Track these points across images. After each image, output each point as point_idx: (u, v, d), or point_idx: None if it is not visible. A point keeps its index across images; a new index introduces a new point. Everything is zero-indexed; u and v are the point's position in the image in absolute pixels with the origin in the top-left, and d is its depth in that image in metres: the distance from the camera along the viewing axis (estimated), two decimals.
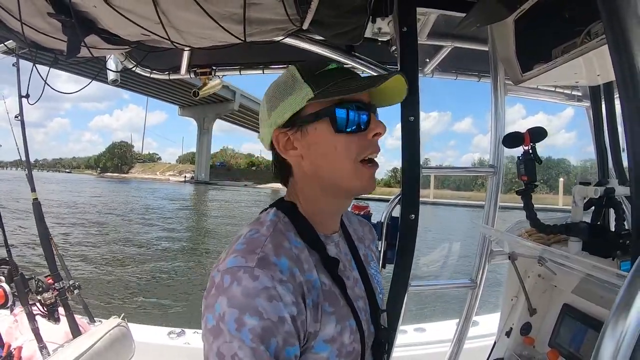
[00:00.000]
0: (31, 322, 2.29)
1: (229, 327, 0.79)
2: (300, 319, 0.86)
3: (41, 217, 2.62)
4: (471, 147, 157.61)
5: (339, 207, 1.08)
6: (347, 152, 0.96)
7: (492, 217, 2.04)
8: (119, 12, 1.35)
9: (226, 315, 0.80)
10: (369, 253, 1.26)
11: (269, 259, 0.87)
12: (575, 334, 1.64)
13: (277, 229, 0.96)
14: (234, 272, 0.84)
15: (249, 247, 0.89)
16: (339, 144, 0.96)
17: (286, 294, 0.84)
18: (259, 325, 0.79)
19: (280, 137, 1.01)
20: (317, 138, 0.97)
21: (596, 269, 1.43)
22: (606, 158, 2.16)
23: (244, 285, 0.82)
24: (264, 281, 0.82)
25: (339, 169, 0.97)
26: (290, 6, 1.44)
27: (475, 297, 2.10)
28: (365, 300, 1.08)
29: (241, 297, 0.81)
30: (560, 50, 1.62)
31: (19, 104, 2.54)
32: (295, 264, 0.90)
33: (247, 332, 0.78)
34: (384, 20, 1.89)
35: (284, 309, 0.82)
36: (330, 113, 0.95)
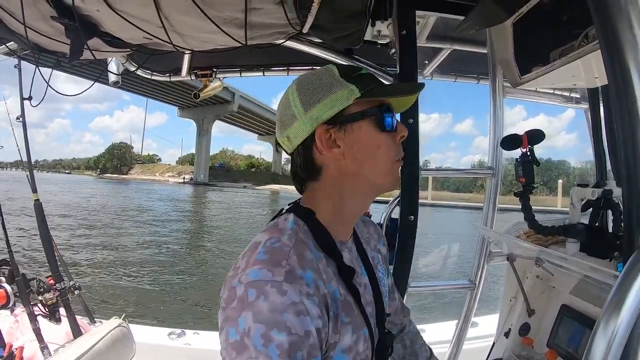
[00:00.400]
0: (32, 322, 2.30)
1: (254, 342, 0.77)
2: (324, 331, 0.86)
3: (42, 218, 2.63)
4: (471, 149, 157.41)
5: (364, 207, 1.09)
6: (389, 151, 0.99)
7: (491, 219, 2.05)
8: (121, 16, 1.37)
9: (252, 330, 0.77)
10: (376, 255, 1.23)
11: (295, 272, 0.85)
12: (573, 335, 1.65)
13: (299, 238, 0.94)
14: (260, 286, 0.82)
15: (274, 259, 0.87)
16: (382, 142, 0.98)
17: (313, 307, 0.83)
18: (286, 340, 0.77)
19: (323, 134, 0.98)
20: (362, 136, 0.98)
21: (593, 270, 1.44)
22: (604, 160, 2.16)
23: (272, 301, 0.80)
24: (292, 296, 0.81)
25: (380, 166, 0.99)
26: (290, 10, 1.45)
27: (474, 298, 2.11)
28: (373, 306, 1.08)
29: (268, 312, 0.79)
30: (558, 52, 1.63)
31: (21, 105, 2.55)
32: (319, 276, 0.89)
33: (274, 348, 0.76)
34: (383, 23, 1.91)
35: (310, 323, 0.81)
36: (377, 112, 0.97)
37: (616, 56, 0.85)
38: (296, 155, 1.03)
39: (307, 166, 1.02)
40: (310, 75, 1.03)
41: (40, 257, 10.72)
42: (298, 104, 0.99)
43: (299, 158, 1.02)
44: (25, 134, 2.73)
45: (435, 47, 2.25)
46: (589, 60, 1.51)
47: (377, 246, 1.27)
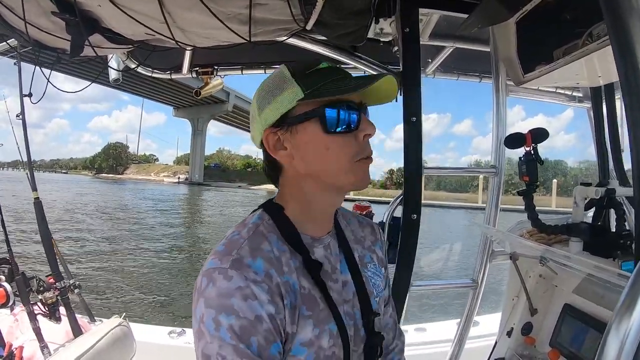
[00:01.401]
0: (32, 321, 2.29)
1: (208, 327, 0.81)
2: (279, 317, 0.87)
3: (42, 217, 2.62)
4: (470, 149, 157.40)
5: (331, 204, 1.06)
6: (341, 152, 0.95)
7: (494, 217, 2.04)
8: (124, 11, 1.35)
9: (204, 316, 0.82)
10: (367, 254, 1.20)
11: (243, 260, 0.87)
12: (576, 334, 1.64)
13: (258, 231, 0.96)
14: (209, 273, 0.86)
15: (227, 249, 0.91)
16: (331, 144, 0.95)
17: (261, 293, 0.85)
18: (236, 324, 0.81)
19: (270, 137, 0.99)
20: (308, 138, 0.96)
21: (597, 269, 1.44)
22: (607, 159, 2.16)
23: (219, 286, 0.83)
24: (238, 281, 0.84)
25: (333, 167, 0.96)
26: (295, 6, 1.44)
27: (477, 297, 2.10)
28: (355, 304, 1.06)
29: (216, 297, 0.83)
30: (561, 51, 1.63)
31: (21, 102, 2.54)
32: (272, 266, 0.90)
33: (225, 331, 0.80)
34: (386, 21, 1.90)
35: (259, 307, 0.84)
36: (320, 113, 0.93)
37: (627, 53, 0.84)
38: (263, 153, 1.05)
39: (269, 166, 1.05)
40: (267, 78, 1.03)
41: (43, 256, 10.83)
42: (255, 106, 1.01)
43: (264, 156, 1.05)
44: (25, 131, 2.72)
45: (437, 45, 2.24)
46: (592, 59, 1.51)
47: (372, 247, 1.24)
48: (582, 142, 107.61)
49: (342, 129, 0.94)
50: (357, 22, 1.69)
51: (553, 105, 4.30)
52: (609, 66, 1.63)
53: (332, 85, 0.94)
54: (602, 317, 1.54)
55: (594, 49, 1.44)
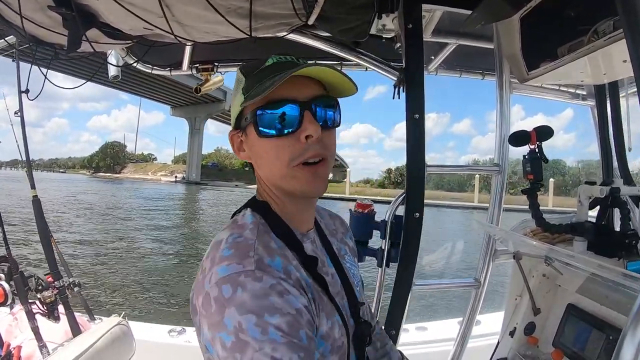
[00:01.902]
0: (31, 320, 2.27)
1: (252, 334, 0.74)
2: (311, 309, 0.86)
3: (41, 215, 2.60)
4: (470, 149, 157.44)
5: (300, 206, 1.03)
6: (277, 156, 0.92)
7: (497, 216, 2.02)
8: (121, 4, 1.33)
9: (243, 324, 0.75)
10: (342, 247, 1.22)
11: (264, 260, 0.84)
12: (580, 334, 1.63)
13: (262, 230, 0.93)
14: (233, 279, 0.80)
15: (240, 252, 0.85)
16: (268, 147, 0.92)
17: (291, 287, 0.82)
18: (282, 321, 0.75)
19: (233, 139, 1.02)
20: (252, 141, 0.96)
21: (602, 269, 1.43)
22: (611, 157, 2.15)
23: (251, 289, 0.78)
24: (269, 280, 0.79)
25: (274, 173, 0.95)
26: (297, 0, 1.42)
27: (479, 296, 2.09)
28: (343, 295, 1.06)
29: (251, 300, 0.76)
30: (566, 48, 1.61)
31: (19, 100, 2.52)
32: (288, 262, 0.89)
33: (275, 332, 0.74)
34: (388, 17, 1.88)
35: (296, 301, 0.80)
36: (253, 117, 0.92)
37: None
38: None
39: (247, 164, 1.04)
40: None
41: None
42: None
43: None
44: (23, 129, 2.70)
45: (440, 42, 2.22)
46: (597, 56, 1.50)
47: (344, 239, 1.26)
48: (581, 142, 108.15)
49: (275, 131, 0.90)
50: (359, 17, 1.68)
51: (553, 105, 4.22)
52: (613, 64, 1.62)
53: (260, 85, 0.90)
54: (606, 318, 1.53)
55: (600, 46, 1.42)
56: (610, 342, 1.47)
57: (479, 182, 44.04)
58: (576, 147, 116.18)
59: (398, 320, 1.88)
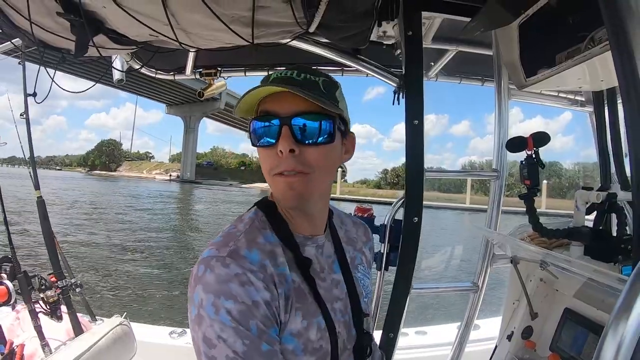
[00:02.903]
0: (33, 319, 2.29)
1: (208, 312, 0.84)
2: (274, 304, 0.91)
3: (45, 215, 2.63)
4: (468, 150, 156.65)
5: (293, 212, 1.06)
6: (263, 164, 1.00)
7: (495, 221, 2.04)
8: (128, 12, 1.36)
9: (204, 301, 0.85)
10: (358, 256, 1.26)
11: (239, 251, 0.92)
12: (577, 338, 1.65)
13: (254, 225, 1.01)
14: (207, 261, 0.89)
15: (224, 240, 0.95)
16: (259, 155, 1.01)
17: (257, 280, 0.88)
18: (234, 307, 0.84)
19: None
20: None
21: (598, 273, 1.44)
22: (608, 163, 2.15)
23: (217, 273, 0.87)
24: (235, 269, 0.87)
25: (268, 180, 1.02)
26: (298, 9, 1.45)
27: (477, 300, 2.10)
28: (346, 303, 1.10)
29: (214, 283, 0.86)
30: (564, 55, 1.63)
31: (25, 102, 2.55)
32: (267, 257, 0.95)
33: (225, 314, 0.83)
34: (389, 24, 1.90)
35: (256, 293, 0.87)
36: (249, 126, 1.01)
37: (627, 57, 0.85)
38: None
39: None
40: None
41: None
42: None
43: None
44: (29, 130, 2.73)
45: (440, 48, 2.24)
46: (594, 63, 1.51)
47: (362, 248, 1.30)
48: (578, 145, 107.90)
49: (258, 142, 0.99)
50: (360, 25, 1.70)
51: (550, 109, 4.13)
52: (611, 70, 1.62)
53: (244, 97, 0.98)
54: (602, 322, 1.54)
55: (597, 53, 1.44)
56: None
57: (475, 183, 43.85)
58: (572, 151, 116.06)
59: (397, 324, 1.90)
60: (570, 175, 49.86)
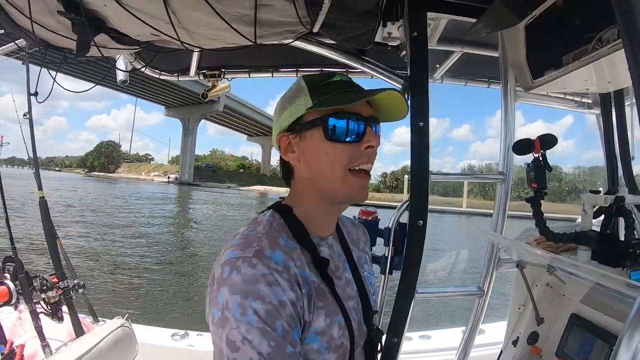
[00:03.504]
0: (34, 320, 2.29)
1: (234, 313, 0.84)
2: (299, 305, 0.93)
3: (47, 216, 2.62)
4: (468, 154, 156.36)
5: (331, 211, 1.15)
6: (338, 159, 1.03)
7: (501, 225, 2.01)
8: (129, 11, 1.35)
9: (229, 302, 0.85)
10: (362, 255, 1.32)
11: (264, 252, 0.93)
12: (583, 344, 1.62)
13: (273, 227, 1.03)
14: (232, 262, 0.90)
15: (246, 242, 0.96)
16: (330, 150, 1.03)
17: (283, 280, 0.90)
18: (262, 308, 0.84)
19: (282, 140, 1.10)
20: (312, 143, 1.04)
21: (606, 278, 1.42)
22: (616, 166, 2.14)
23: (243, 273, 0.87)
24: (262, 269, 0.88)
25: (329, 175, 1.04)
26: (301, 8, 1.43)
27: (482, 305, 2.07)
28: (358, 301, 1.15)
29: (242, 283, 0.86)
30: (571, 56, 1.61)
31: (28, 102, 2.56)
32: (289, 259, 0.97)
33: (252, 315, 0.83)
34: (394, 25, 1.88)
35: (283, 293, 0.88)
36: (324, 121, 1.02)
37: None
38: (280, 156, 1.14)
39: (283, 168, 1.15)
40: (289, 88, 1.13)
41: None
42: (276, 113, 1.13)
43: (280, 159, 1.14)
44: (32, 130, 2.74)
45: (446, 50, 2.22)
46: (602, 64, 1.50)
47: (364, 247, 1.37)
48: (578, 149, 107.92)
49: (343, 138, 1.03)
50: (364, 25, 1.68)
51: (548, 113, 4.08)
52: (618, 72, 1.62)
53: (339, 96, 1.03)
54: (609, 328, 1.52)
55: (605, 54, 1.42)
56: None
57: (475, 186, 43.60)
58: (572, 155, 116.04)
59: (401, 328, 1.87)
60: (569, 180, 49.86)
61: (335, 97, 1.02)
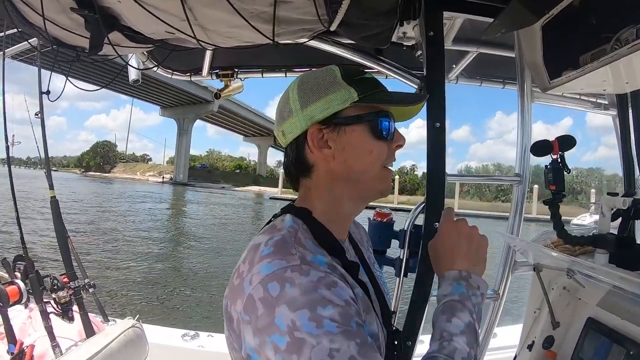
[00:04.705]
0: (45, 320, 2.28)
1: (308, 330, 0.74)
2: (357, 301, 0.87)
3: (58, 215, 2.62)
4: (467, 156, 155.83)
5: (357, 210, 1.11)
6: (380, 157, 1.02)
7: (517, 227, 1.98)
8: (144, 7, 1.33)
9: (297, 321, 0.74)
10: (370, 255, 1.29)
11: (307, 257, 0.85)
12: (599, 349, 1.60)
13: (298, 237, 0.92)
14: (279, 275, 0.80)
15: (282, 250, 0.86)
16: (375, 148, 1.01)
17: (338, 280, 0.83)
18: (335, 312, 0.76)
19: (315, 134, 0.99)
20: (354, 140, 0.99)
21: (624, 281, 1.40)
22: (633, 168, 2.12)
23: (299, 283, 0.78)
24: (316, 273, 0.81)
25: (370, 172, 1.02)
26: (320, 6, 1.41)
27: (498, 308, 2.05)
28: (376, 302, 1.07)
29: (302, 296, 0.77)
30: (588, 57, 1.59)
31: (40, 101, 2.56)
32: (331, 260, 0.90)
33: (329, 323, 0.75)
34: (409, 24, 1.87)
35: (344, 292, 0.82)
36: (373, 119, 1.00)
37: None
38: (290, 150, 1.05)
39: (299, 163, 1.04)
40: (312, 74, 1.05)
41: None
42: (296, 100, 1.01)
43: (292, 153, 1.05)
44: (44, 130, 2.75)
45: (461, 50, 2.21)
46: (619, 65, 1.47)
47: (369, 248, 1.35)
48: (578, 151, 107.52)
49: (384, 136, 1.02)
50: (382, 24, 1.66)
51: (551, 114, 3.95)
52: (636, 72, 1.59)
53: (383, 95, 1.01)
54: (627, 332, 1.50)
55: (623, 54, 1.40)
56: (631, 357, 1.44)
57: (471, 187, 43.53)
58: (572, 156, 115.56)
59: (415, 331, 1.85)
60: (567, 181, 49.75)
61: (380, 94, 1.01)
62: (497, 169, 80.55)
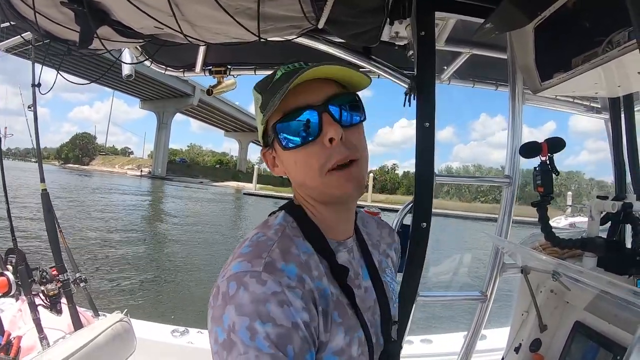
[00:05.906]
0: (33, 312, 2.28)
1: (241, 337, 0.74)
2: (313, 325, 0.82)
3: (49, 208, 2.62)
4: (450, 157, 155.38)
5: (338, 214, 1.00)
6: (308, 166, 0.90)
7: (506, 229, 1.98)
8: (131, 2, 1.33)
9: (236, 325, 0.75)
10: (384, 259, 1.17)
11: (275, 264, 0.82)
12: (586, 353, 1.60)
13: (285, 234, 0.92)
14: (239, 277, 0.80)
15: (255, 251, 0.85)
16: (296, 158, 0.92)
17: (296, 299, 0.80)
18: (273, 331, 0.74)
19: (266, 156, 1.00)
20: (281, 156, 0.96)
21: (612, 286, 1.39)
22: (624, 172, 2.11)
23: (252, 291, 0.77)
24: (273, 286, 0.78)
25: (308, 183, 0.93)
26: (305, 3, 1.41)
27: (485, 310, 2.05)
28: (375, 311, 1.03)
29: (250, 303, 0.76)
30: (580, 59, 1.59)
31: (33, 95, 2.56)
32: (304, 271, 0.86)
33: (262, 340, 0.73)
34: (401, 24, 1.87)
35: (295, 314, 0.78)
36: (274, 132, 0.92)
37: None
38: None
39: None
40: None
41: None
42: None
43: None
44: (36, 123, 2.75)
45: (453, 51, 2.20)
46: (611, 67, 1.49)
47: (386, 250, 1.21)
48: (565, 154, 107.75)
49: (299, 142, 0.90)
50: (370, 21, 1.66)
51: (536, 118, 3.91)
52: (628, 75, 1.60)
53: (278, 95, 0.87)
54: (614, 337, 1.50)
55: (615, 56, 1.40)
56: None
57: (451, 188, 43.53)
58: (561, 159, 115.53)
59: (401, 332, 1.85)
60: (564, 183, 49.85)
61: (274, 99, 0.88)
62: (477, 170, 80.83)
